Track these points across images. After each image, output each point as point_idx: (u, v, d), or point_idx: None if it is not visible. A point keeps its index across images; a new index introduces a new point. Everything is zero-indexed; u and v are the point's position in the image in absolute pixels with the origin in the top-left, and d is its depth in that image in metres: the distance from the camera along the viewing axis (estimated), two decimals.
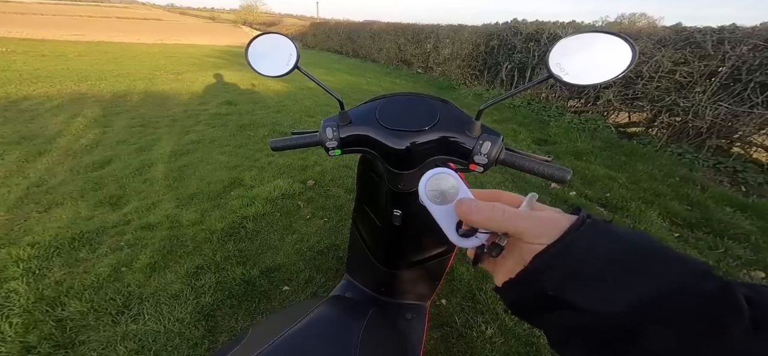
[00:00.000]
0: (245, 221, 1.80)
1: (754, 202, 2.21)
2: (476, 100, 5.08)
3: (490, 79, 5.60)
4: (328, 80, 6.29)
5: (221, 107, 3.92)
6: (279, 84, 5.25)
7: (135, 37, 11.95)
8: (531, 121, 4.06)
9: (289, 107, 4.14)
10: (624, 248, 0.19)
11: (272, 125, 3.39)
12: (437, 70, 7.03)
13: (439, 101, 0.63)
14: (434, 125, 0.57)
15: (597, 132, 3.62)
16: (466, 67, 6.04)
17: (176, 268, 1.49)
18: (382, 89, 5.83)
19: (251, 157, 2.62)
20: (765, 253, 1.70)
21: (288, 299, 1.38)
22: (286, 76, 0.59)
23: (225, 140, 2.92)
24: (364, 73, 7.47)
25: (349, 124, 0.62)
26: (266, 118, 3.62)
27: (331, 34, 12.18)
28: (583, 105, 4.18)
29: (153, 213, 1.84)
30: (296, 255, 1.60)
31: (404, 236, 0.80)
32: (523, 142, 3.40)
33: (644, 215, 2.09)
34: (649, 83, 3.27)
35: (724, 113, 2.75)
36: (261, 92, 4.80)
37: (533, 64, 4.67)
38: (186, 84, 5.00)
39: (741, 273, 1.54)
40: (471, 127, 0.55)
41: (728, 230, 1.91)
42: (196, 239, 1.66)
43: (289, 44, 0.58)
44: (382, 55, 9.06)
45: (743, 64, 2.63)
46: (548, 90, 4.47)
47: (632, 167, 2.82)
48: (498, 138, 0.54)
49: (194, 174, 2.31)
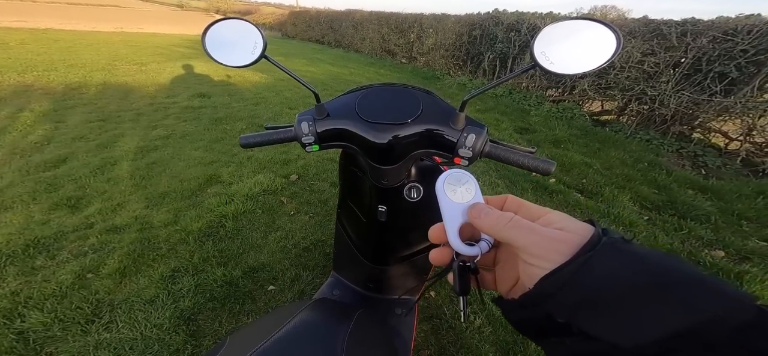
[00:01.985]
0: (224, 220, 1.71)
1: (713, 184, 2.39)
2: (460, 90, 5.11)
3: (473, 69, 5.65)
4: (310, 71, 6.07)
5: (193, 99, 3.68)
6: (257, 75, 5.01)
7: (90, 24, 10.84)
8: (512, 110, 4.15)
9: (268, 98, 3.96)
10: (648, 273, 0.17)
11: (250, 118, 3.23)
12: (421, 60, 7.00)
13: (422, 92, 0.61)
14: (417, 117, 0.55)
15: (573, 120, 3.77)
16: (450, 57, 6.06)
17: (149, 272, 1.39)
18: (366, 79, 5.72)
19: (228, 152, 2.49)
20: (724, 232, 1.85)
21: (274, 299, 1.34)
22: (253, 66, 0.54)
23: (198, 135, 2.74)
24: (348, 63, 7.29)
25: (327, 117, 0.59)
26: (244, 111, 3.44)
27: (312, 23, 11.76)
28: (560, 94, 4.33)
29: (119, 215, 1.71)
30: (281, 253, 1.54)
31: (391, 232, 0.79)
32: (506, 131, 3.48)
33: (617, 199, 2.21)
34: (620, 73, 3.43)
35: (687, 101, 2.94)
36: (237, 84, 4.55)
37: (514, 54, 4.75)
38: (151, 75, 4.61)
39: (703, 253, 1.67)
40: (455, 119, 0.53)
41: (691, 211, 2.06)
42: (170, 241, 1.55)
43: (253, 31, 0.53)
44: (365, 45, 8.87)
45: (703, 55, 2.81)
46: (528, 80, 4.58)
47: (606, 153, 2.96)
48: (482, 130, 0.53)
49: (165, 172, 2.16)
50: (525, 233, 0.21)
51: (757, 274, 1.47)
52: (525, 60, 4.62)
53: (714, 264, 1.58)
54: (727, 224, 1.95)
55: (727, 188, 2.33)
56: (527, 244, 0.21)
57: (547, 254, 0.20)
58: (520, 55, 4.71)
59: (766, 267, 1.56)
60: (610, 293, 0.17)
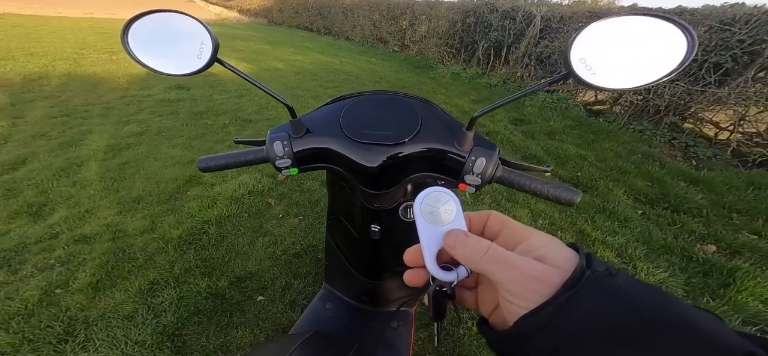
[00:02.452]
0: (207, 226, 1.60)
1: (704, 175, 2.40)
2: (454, 79, 5.00)
3: (467, 57, 5.52)
4: (297, 60, 5.82)
5: (170, 91, 3.45)
6: (241, 64, 4.77)
7: (55, 9, 10.05)
8: None
9: (254, 90, 3.77)
10: (632, 314, 0.16)
11: (234, 112, 3.05)
12: (414, 48, 6.81)
13: (420, 102, 0.52)
14: (415, 134, 0.47)
15: (568, 111, 3.74)
16: (443, 45, 5.91)
17: (126, 285, 1.30)
18: (357, 68, 5.53)
19: (210, 150, 2.34)
20: (715, 226, 1.86)
21: (264, 310, 1.27)
22: (201, 74, 0.43)
23: (176, 131, 2.56)
24: (338, 52, 7.04)
25: (305, 134, 0.50)
26: (227, 103, 3.25)
27: (300, 9, 11.31)
28: (555, 84, 4.28)
29: (88, 223, 1.58)
30: (270, 260, 1.46)
31: (385, 249, 0.73)
32: (501, 122, 3.42)
33: (612, 193, 2.20)
34: None
35: (681, 91, 2.92)
36: (219, 75, 4.29)
37: (509, 42, 4.64)
38: (123, 65, 4.28)
39: (696, 249, 1.67)
40: (461, 138, 0.46)
41: (683, 204, 2.07)
42: (147, 251, 1.44)
43: (198, 29, 0.41)
44: (356, 32, 8.58)
45: (700, 45, 2.78)
46: (523, 69, 4.50)
47: (600, 145, 2.95)
48: (494, 152, 0.46)
49: (139, 173, 2.01)
50: (502, 269, 0.20)
51: (749, 271, 1.47)
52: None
53: (707, 260, 1.58)
54: (718, 217, 1.96)
55: (718, 179, 2.34)
56: (505, 281, 0.20)
57: (525, 293, 0.19)
58: (514, 44, 4.61)
59: (756, 261, 1.57)
60: (591, 336, 0.16)
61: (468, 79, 4.96)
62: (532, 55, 4.32)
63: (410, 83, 4.74)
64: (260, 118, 3.03)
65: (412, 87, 4.54)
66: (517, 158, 2.77)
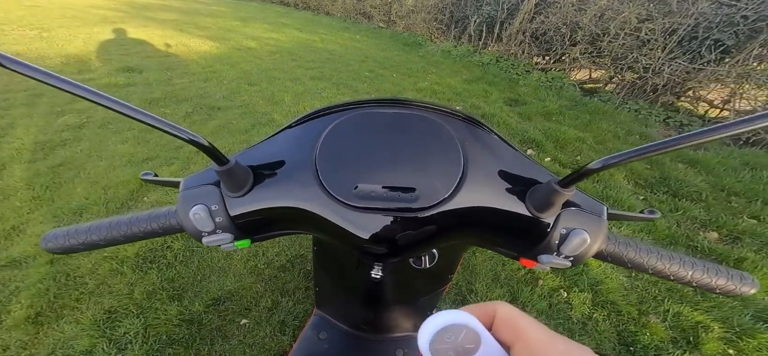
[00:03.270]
0: (170, 239, 1.37)
1: (701, 156, 2.37)
2: (445, 57, 4.73)
3: (458, 34, 5.23)
4: (273, 38, 5.31)
5: (117, 75, 2.98)
6: (207, 44, 4.26)
7: None
8: (501, 80, 3.91)
9: (222, 73, 3.36)
10: None
11: (199, 99, 2.69)
12: (401, 24, 6.41)
13: (463, 125, 0.33)
14: (456, 188, 0.29)
15: (562, 90, 3.61)
16: (432, 20, 5.56)
17: (76, 316, 1.10)
18: (339, 46, 5.12)
19: (170, 144, 2.01)
20: (716, 211, 1.82)
21: (250, 334, 1.11)
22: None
23: (126, 123, 2.17)
24: (318, 28, 6.50)
25: (250, 190, 0.30)
26: (189, 88, 2.86)
27: None
28: (548, 62, 4.12)
29: (16, 243, 1.31)
30: (251, 276, 1.28)
31: (388, 285, 0.58)
32: (495, 103, 3.25)
33: (613, 178, 2.12)
34: (614, 40, 3.25)
35: (680, 69, 2.84)
36: (180, 55, 3.80)
37: (502, 18, 4.38)
38: (57, 44, 3.66)
39: (699, 236, 1.62)
40: (546, 198, 0.28)
41: (683, 188, 2.02)
42: (97, 273, 1.22)
43: None
44: (337, 6, 7.98)
45: (703, 22, 2.67)
46: (517, 47, 4.29)
47: (597, 126, 2.86)
48: (599, 218, 0.29)
49: (79, 176, 1.69)
50: None
51: (755, 261, 1.43)
52: (511, 27, 4.25)
53: (712, 250, 1.54)
54: (718, 201, 1.93)
55: (714, 160, 2.32)
56: None
57: None
58: (508, 19, 4.36)
59: (759, 248, 1.54)
60: None
61: (459, 57, 4.70)
62: (526, 31, 4.11)
63: (398, 62, 4.44)
64: (230, 105, 2.69)
65: (400, 66, 4.25)
66: (516, 142, 2.66)
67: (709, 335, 1.18)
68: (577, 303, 1.29)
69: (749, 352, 1.14)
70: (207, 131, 2.28)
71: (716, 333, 1.19)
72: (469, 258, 1.48)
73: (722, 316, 1.23)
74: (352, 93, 3.32)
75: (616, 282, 1.37)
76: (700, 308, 1.27)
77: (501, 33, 4.51)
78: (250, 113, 2.62)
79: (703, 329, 1.20)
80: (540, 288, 1.35)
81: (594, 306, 1.29)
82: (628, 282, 1.38)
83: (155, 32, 4.55)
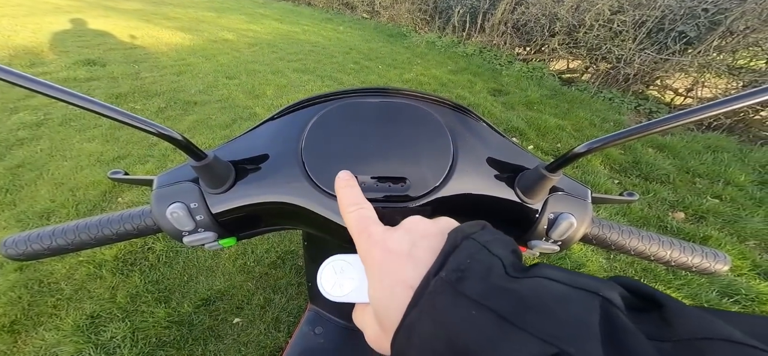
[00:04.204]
0: (151, 240, 1.30)
1: (668, 141, 2.54)
2: (430, 48, 4.73)
3: (442, 24, 5.23)
4: (251, 30, 5.07)
5: (77, 68, 2.74)
6: (178, 36, 4.00)
7: None
8: (484, 70, 3.97)
9: (197, 66, 3.17)
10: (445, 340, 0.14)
11: (172, 93, 2.52)
12: (385, 15, 6.31)
13: (452, 113, 0.33)
14: (446, 177, 0.29)
15: (543, 80, 3.73)
16: (417, 10, 5.52)
17: (55, 323, 1.04)
18: (323, 38, 4.98)
19: (143, 141, 1.89)
20: (682, 192, 1.97)
21: (244, 332, 1.08)
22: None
23: (91, 119, 2.02)
24: (299, 19, 6.28)
25: (232, 186, 0.29)
26: (161, 82, 2.68)
27: None
28: (528, 53, 4.23)
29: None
30: (241, 275, 1.24)
31: None
32: (480, 93, 3.31)
33: (590, 164, 2.23)
34: (589, 32, 3.38)
35: (649, 60, 3.00)
36: (148, 47, 3.54)
37: (485, 8, 4.42)
38: (3, 34, 3.31)
39: (668, 217, 1.75)
40: (534, 183, 0.28)
41: (653, 171, 2.16)
42: (73, 279, 1.15)
43: None
44: None
45: (669, 14, 2.82)
46: (499, 37, 4.36)
47: (575, 114, 2.98)
48: (584, 202, 0.30)
49: (42, 178, 1.56)
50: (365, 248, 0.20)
51: (719, 239, 1.56)
52: (501, 17, 4.31)
53: (680, 230, 1.66)
54: (684, 183, 2.08)
55: (680, 144, 2.49)
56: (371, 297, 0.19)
57: (387, 314, 0.17)
58: (490, 10, 4.41)
59: (721, 226, 1.68)
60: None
61: (444, 48, 4.72)
62: (508, 22, 4.18)
63: (383, 53, 4.39)
64: (208, 99, 2.56)
65: (385, 57, 4.21)
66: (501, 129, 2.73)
67: None
68: None
69: None
70: (184, 127, 2.16)
71: None
72: None
73: (691, 293, 1.33)
74: (337, 85, 3.26)
75: (596, 264, 1.45)
76: (672, 286, 1.36)
77: (484, 24, 4.56)
78: (230, 107, 2.51)
79: None
80: None
81: None
82: (607, 263, 1.47)
83: (118, 23, 4.21)
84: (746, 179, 2.07)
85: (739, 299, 1.30)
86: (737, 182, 2.05)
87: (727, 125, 2.70)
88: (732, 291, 1.32)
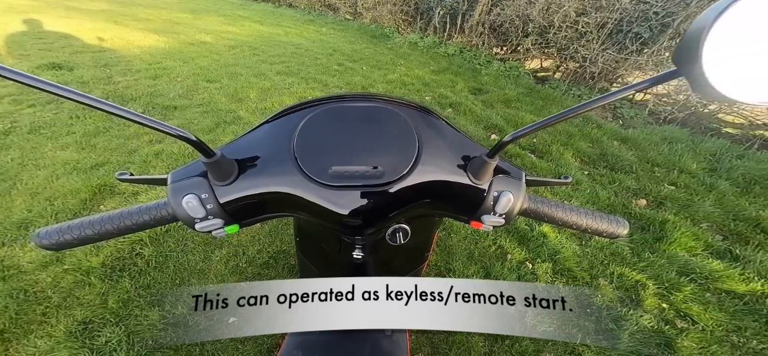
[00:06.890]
0: (138, 246, 1.28)
1: (630, 133, 2.77)
2: (412, 49, 4.83)
3: (423, 25, 5.35)
4: (230, 32, 4.95)
5: (40, 73, 2.61)
6: (151, 38, 3.84)
7: None
8: (465, 70, 4.12)
9: (174, 69, 3.07)
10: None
11: (149, 97, 2.44)
12: (367, 16, 6.35)
13: (417, 113, 0.39)
14: (412, 165, 0.35)
15: (519, 79, 3.93)
16: (399, 11, 5.61)
17: (46, 330, 1.02)
18: (306, 40, 4.95)
19: (122, 147, 1.84)
20: (644, 181, 2.16)
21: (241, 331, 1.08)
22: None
23: (62, 127, 1.94)
24: (281, 21, 6.20)
25: (236, 179, 0.34)
26: (136, 86, 2.59)
27: None
28: (505, 52, 4.43)
29: None
30: (233, 275, 1.25)
31: (370, 266, 0.64)
32: (461, 92, 3.44)
33: (563, 157, 2.40)
34: (558, 33, 3.60)
35: (610, 59, 3.25)
36: (119, 50, 3.38)
37: (463, 10, 4.58)
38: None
39: (632, 204, 1.92)
40: (479, 167, 0.35)
41: (618, 162, 2.36)
42: (60, 287, 1.12)
43: None
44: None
45: (625, 16, 3.07)
46: (477, 38, 4.53)
47: (548, 110, 3.18)
48: (520, 182, 0.37)
49: (15, 188, 1.50)
50: None
51: (675, 222, 1.73)
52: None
53: (642, 215, 1.83)
54: (645, 172, 2.29)
55: (641, 137, 2.72)
56: None
57: None
58: (469, 11, 4.57)
59: (678, 211, 1.86)
60: None
61: (426, 49, 4.84)
62: (485, 23, 4.35)
63: (367, 54, 4.43)
64: (188, 103, 2.50)
65: (369, 58, 4.26)
66: (480, 128, 2.84)
67: (646, 292, 1.34)
68: (541, 272, 1.45)
69: (678, 304, 1.30)
70: None
71: (651, 289, 1.35)
72: (445, 239, 1.59)
73: (654, 274, 1.44)
74: (322, 88, 3.26)
75: (569, 250, 1.56)
76: (637, 268, 1.47)
77: (463, 25, 4.72)
78: (213, 111, 2.46)
79: (641, 287, 1.37)
80: (509, 261, 1.50)
81: (554, 273, 1.45)
82: (579, 249, 1.59)
83: (83, 24, 3.97)
84: (698, 167, 2.31)
85: (694, 277, 1.41)
86: (690, 170, 2.28)
87: (680, 119, 2.98)
88: (689, 270, 1.45)
